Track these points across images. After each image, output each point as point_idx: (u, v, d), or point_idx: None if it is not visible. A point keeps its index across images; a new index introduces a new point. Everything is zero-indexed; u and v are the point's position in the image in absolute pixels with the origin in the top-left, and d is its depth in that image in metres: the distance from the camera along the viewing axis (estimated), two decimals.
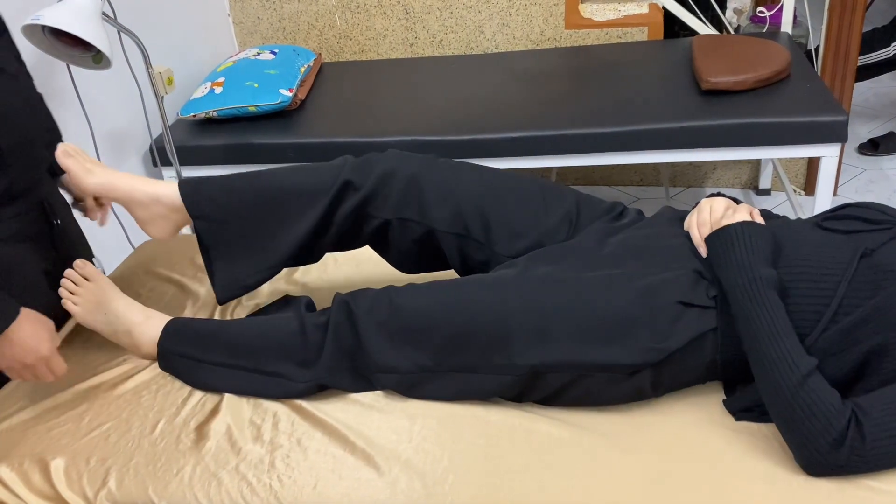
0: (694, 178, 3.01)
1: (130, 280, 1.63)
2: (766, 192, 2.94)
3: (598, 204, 1.36)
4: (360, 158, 1.34)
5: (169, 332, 1.33)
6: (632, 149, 2.12)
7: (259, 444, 1.18)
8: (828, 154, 2.07)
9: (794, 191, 2.84)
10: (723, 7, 2.68)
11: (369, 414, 1.22)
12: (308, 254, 1.36)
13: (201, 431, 1.21)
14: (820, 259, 1.12)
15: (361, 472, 1.12)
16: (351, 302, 1.23)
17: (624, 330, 1.12)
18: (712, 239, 1.15)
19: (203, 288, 1.58)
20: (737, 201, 1.24)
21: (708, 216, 1.19)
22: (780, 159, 2.82)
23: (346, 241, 1.37)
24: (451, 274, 1.46)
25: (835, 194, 2.84)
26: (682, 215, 1.31)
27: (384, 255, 1.41)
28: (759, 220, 1.16)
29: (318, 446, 1.17)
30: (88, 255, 1.63)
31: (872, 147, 3.12)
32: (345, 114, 2.39)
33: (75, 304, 1.33)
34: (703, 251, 1.18)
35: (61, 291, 1.34)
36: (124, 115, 2.26)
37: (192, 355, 1.30)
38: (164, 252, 1.72)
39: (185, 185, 1.33)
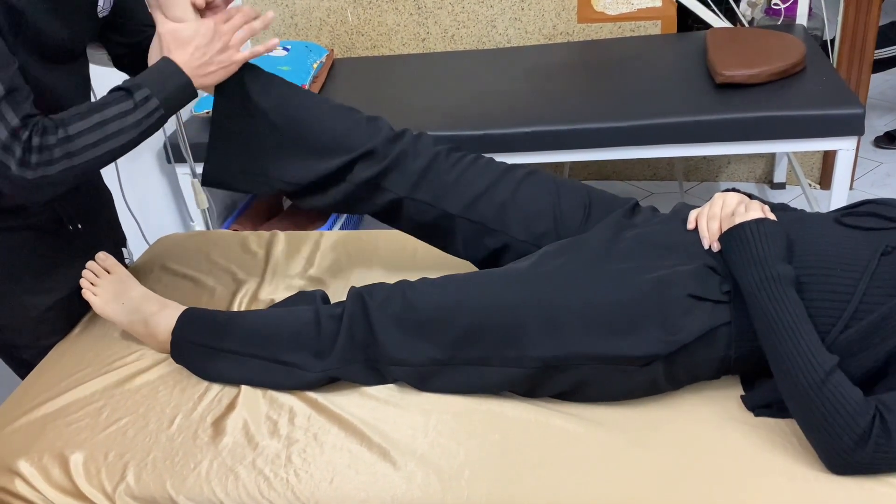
0: (708, 173, 2.99)
1: (146, 275, 1.64)
2: (781, 186, 2.93)
3: (611, 198, 1.36)
4: (395, 132, 1.35)
5: (184, 321, 1.34)
6: (645, 143, 2.11)
7: (276, 439, 1.18)
8: (844, 147, 2.05)
9: (810, 185, 2.83)
10: (737, 0, 2.66)
11: (385, 409, 1.22)
12: (313, 192, 1.35)
13: (218, 426, 1.22)
14: (839, 256, 1.11)
15: (377, 467, 1.12)
16: (365, 295, 1.24)
17: (634, 322, 1.12)
18: (727, 237, 1.14)
19: (218, 284, 1.58)
20: (751, 197, 1.23)
21: (719, 210, 1.18)
22: (795, 153, 2.80)
23: (355, 204, 1.37)
24: (462, 265, 1.46)
25: (851, 188, 2.82)
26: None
27: (395, 225, 1.41)
28: (771, 216, 1.16)
29: (334, 441, 1.17)
30: (122, 239, 1.66)
31: (889, 140, 3.09)
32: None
33: (95, 294, 1.37)
34: (706, 243, 1.18)
35: (82, 282, 1.37)
36: None
37: (206, 343, 1.31)
38: (179, 248, 1.73)
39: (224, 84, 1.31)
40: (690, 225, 1.23)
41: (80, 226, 1.45)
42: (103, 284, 1.38)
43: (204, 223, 2.49)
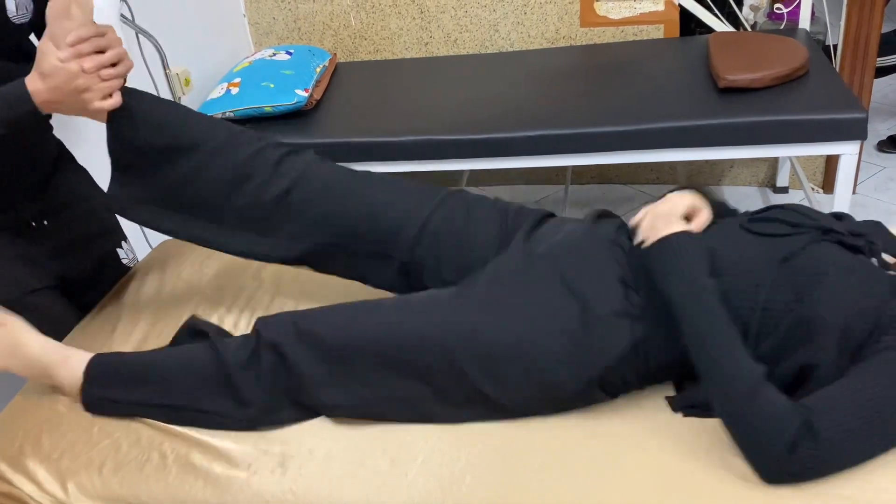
0: (711, 177, 2.99)
1: (143, 281, 1.64)
2: (784, 190, 2.92)
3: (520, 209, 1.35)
4: (276, 158, 1.32)
5: (92, 376, 1.26)
6: (648, 147, 2.11)
7: (270, 455, 1.17)
8: (847, 152, 2.05)
9: (813, 189, 2.82)
10: (739, 4, 2.66)
11: None
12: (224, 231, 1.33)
13: (211, 443, 1.21)
14: (742, 264, 1.12)
15: (378, 476, 1.12)
16: (277, 337, 1.20)
17: (563, 349, 1.13)
18: (652, 251, 1.15)
19: (215, 292, 1.58)
20: (705, 195, 1.24)
21: (667, 209, 1.19)
22: (798, 157, 2.79)
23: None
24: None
25: (854, 192, 2.82)
26: (605, 216, 1.33)
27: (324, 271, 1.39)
28: (695, 230, 1.17)
29: (330, 453, 1.17)
30: (118, 241, 1.67)
31: (892, 144, 3.09)
32: (360, 113, 2.39)
33: None
34: (638, 240, 1.19)
35: None
36: None
37: (120, 399, 1.25)
38: (179, 253, 1.73)
39: (113, 115, 1.27)
40: (637, 218, 1.23)
41: (45, 222, 1.45)
42: None
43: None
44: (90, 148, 1.66)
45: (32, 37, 1.42)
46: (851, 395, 0.98)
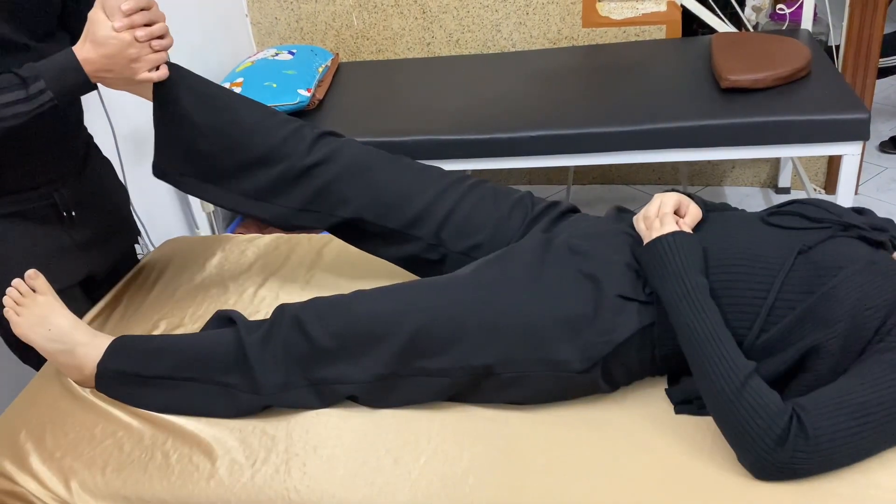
0: (713, 177, 2.99)
1: (148, 277, 1.65)
2: (786, 190, 2.92)
3: (537, 203, 1.39)
4: (313, 147, 1.36)
5: (112, 350, 1.29)
6: (650, 147, 2.11)
7: (274, 454, 1.18)
8: (849, 152, 2.05)
9: (815, 189, 2.82)
10: (742, 4, 2.66)
11: (385, 417, 1.22)
12: (252, 200, 1.38)
13: (215, 443, 1.21)
14: (758, 254, 1.14)
15: (380, 476, 1.12)
16: (300, 313, 1.22)
17: (572, 327, 1.14)
18: (644, 252, 1.18)
19: (219, 288, 1.59)
20: (691, 196, 1.26)
21: (655, 210, 1.21)
22: (800, 158, 2.79)
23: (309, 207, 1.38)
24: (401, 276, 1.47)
25: (856, 193, 2.82)
26: (624, 211, 1.36)
27: (354, 244, 1.45)
28: (687, 229, 1.18)
29: (334, 452, 1.17)
30: (135, 237, 1.68)
31: (894, 145, 3.09)
32: (362, 113, 2.40)
33: (18, 314, 1.29)
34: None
35: (5, 300, 1.31)
36: (146, 115, 2.27)
37: (136, 371, 1.26)
38: (183, 250, 1.74)
39: (160, 89, 1.29)
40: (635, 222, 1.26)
41: (73, 213, 1.46)
42: (29, 305, 1.29)
43: (209, 226, 2.50)
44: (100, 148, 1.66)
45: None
46: (845, 396, 0.99)
